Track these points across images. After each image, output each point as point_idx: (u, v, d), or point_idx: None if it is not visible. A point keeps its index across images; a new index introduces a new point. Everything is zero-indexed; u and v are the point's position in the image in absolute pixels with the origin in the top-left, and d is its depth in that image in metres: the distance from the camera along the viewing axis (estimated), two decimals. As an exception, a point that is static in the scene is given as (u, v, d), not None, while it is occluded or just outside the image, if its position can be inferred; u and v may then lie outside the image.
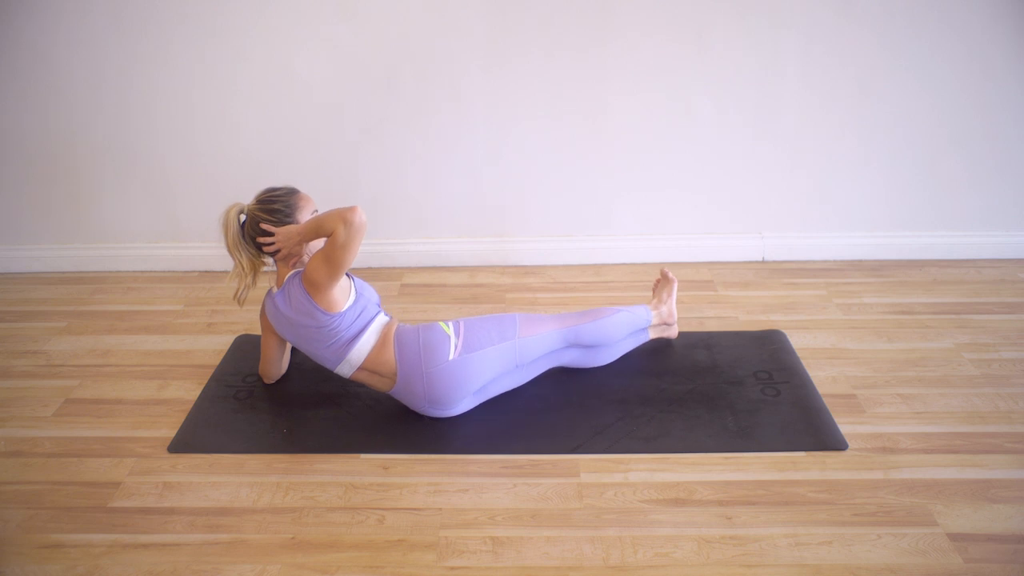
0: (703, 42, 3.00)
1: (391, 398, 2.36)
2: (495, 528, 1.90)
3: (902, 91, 3.07)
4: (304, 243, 2.23)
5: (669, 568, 1.78)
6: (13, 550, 1.86)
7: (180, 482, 2.07)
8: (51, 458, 2.17)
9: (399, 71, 3.05)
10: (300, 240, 2.22)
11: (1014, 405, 2.32)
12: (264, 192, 2.31)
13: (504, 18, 2.97)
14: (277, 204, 2.27)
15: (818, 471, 2.07)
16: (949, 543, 1.82)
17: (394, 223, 3.32)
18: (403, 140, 3.16)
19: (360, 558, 1.82)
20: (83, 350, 2.73)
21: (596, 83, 3.07)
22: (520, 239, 3.35)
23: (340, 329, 2.18)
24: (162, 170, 3.22)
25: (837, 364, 2.55)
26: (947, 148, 3.15)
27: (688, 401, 2.36)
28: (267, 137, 3.16)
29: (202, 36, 2.99)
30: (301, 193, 2.34)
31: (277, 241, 2.25)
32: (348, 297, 2.21)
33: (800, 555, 1.81)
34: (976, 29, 2.96)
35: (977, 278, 3.13)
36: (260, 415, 2.34)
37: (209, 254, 3.33)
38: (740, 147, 3.17)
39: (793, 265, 3.29)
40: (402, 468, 2.11)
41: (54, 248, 3.35)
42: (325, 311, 2.16)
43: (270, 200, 2.28)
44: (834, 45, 3.00)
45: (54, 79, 3.05)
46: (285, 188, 2.32)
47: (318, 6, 2.95)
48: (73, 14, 2.95)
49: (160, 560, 1.82)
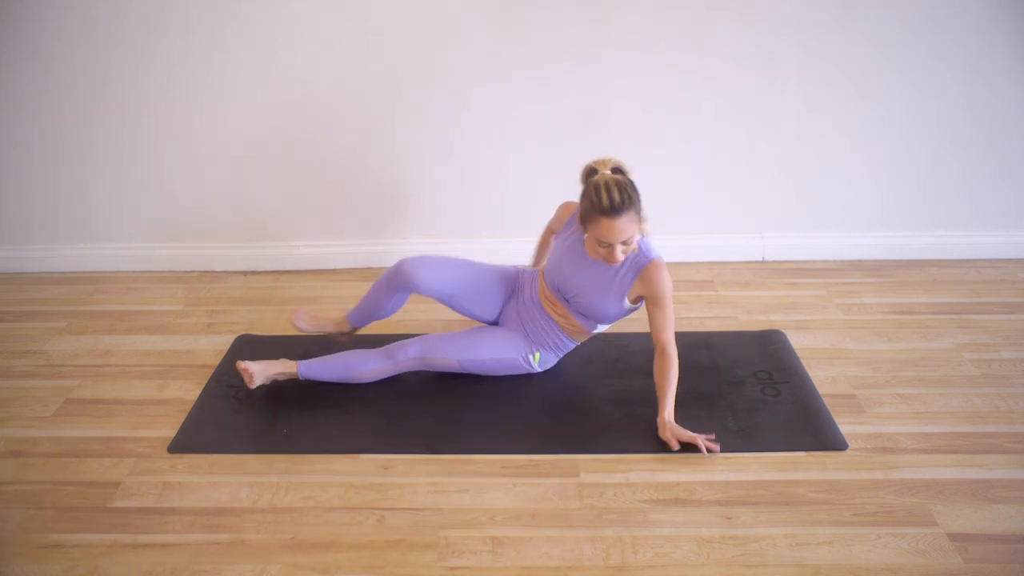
0: (703, 43, 3.00)
1: (391, 398, 2.37)
2: (495, 528, 1.90)
3: (902, 91, 3.07)
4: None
5: (669, 568, 1.78)
6: (13, 550, 1.86)
7: (180, 482, 2.07)
8: (51, 458, 2.17)
9: (399, 71, 3.05)
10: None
11: (1014, 405, 2.32)
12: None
13: (505, 20, 2.97)
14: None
15: (818, 471, 2.07)
16: (949, 543, 1.82)
17: (394, 223, 3.32)
18: (403, 140, 3.16)
19: (360, 558, 1.82)
20: (83, 350, 2.73)
21: (596, 83, 3.07)
22: (520, 239, 3.34)
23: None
24: (162, 170, 3.22)
25: (837, 364, 2.55)
26: (947, 148, 3.16)
27: (688, 401, 2.35)
28: (267, 137, 3.16)
29: (203, 36, 2.99)
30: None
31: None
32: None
33: (800, 555, 1.81)
34: (974, 30, 2.96)
35: (977, 278, 3.13)
36: (260, 415, 2.34)
37: (209, 254, 3.33)
38: (740, 147, 3.17)
39: (793, 265, 3.29)
40: (402, 468, 2.11)
41: (54, 248, 3.35)
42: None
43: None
44: (834, 46, 3.00)
45: (54, 79, 3.05)
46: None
47: (318, 6, 2.95)
48: (73, 14, 2.94)
49: (160, 560, 1.82)
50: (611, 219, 2.08)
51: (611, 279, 2.26)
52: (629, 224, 2.10)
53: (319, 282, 3.23)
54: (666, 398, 2.19)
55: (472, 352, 2.38)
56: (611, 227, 2.09)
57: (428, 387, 2.45)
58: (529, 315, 2.42)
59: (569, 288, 2.32)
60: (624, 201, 2.07)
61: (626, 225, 2.09)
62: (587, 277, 2.28)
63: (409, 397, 2.40)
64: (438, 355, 2.37)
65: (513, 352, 2.40)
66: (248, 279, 3.27)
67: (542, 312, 2.41)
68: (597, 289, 2.28)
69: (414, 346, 2.38)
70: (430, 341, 2.39)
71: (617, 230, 2.09)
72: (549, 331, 2.40)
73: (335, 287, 3.19)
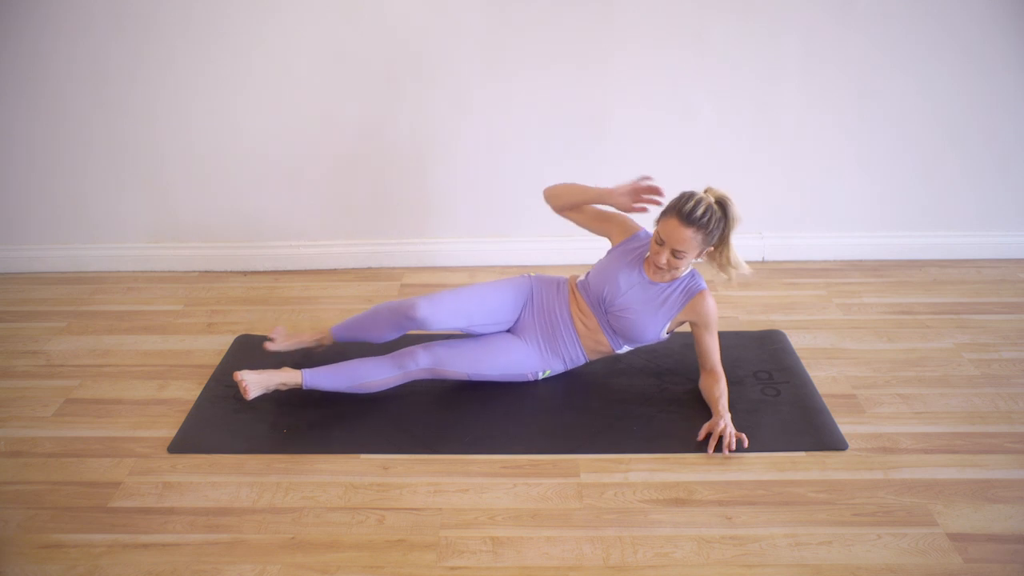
0: (703, 43, 3.01)
1: (391, 398, 2.37)
2: (495, 528, 1.90)
3: (901, 91, 3.07)
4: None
5: (669, 568, 1.78)
6: (13, 550, 1.86)
7: (180, 482, 2.07)
8: (51, 458, 2.17)
9: (400, 72, 3.05)
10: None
11: (1014, 405, 2.32)
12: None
13: (505, 21, 2.97)
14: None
15: (818, 471, 2.07)
16: (949, 543, 1.82)
17: (394, 223, 3.32)
18: (403, 140, 3.16)
19: (360, 558, 1.82)
20: (83, 350, 2.73)
21: (596, 83, 3.07)
22: (520, 239, 3.35)
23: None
24: (162, 170, 3.22)
25: (837, 364, 2.55)
26: (946, 148, 3.16)
27: (688, 401, 2.36)
28: (267, 137, 3.16)
29: (203, 36, 2.99)
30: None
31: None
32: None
33: (800, 555, 1.81)
34: (974, 30, 2.96)
35: (977, 278, 3.13)
36: (260, 415, 2.34)
37: (209, 254, 3.34)
38: (740, 147, 3.17)
39: (793, 265, 3.29)
40: (402, 468, 2.11)
41: (54, 248, 3.35)
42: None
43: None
44: (834, 46, 3.00)
45: (54, 79, 3.05)
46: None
47: (319, 6, 2.95)
48: (74, 14, 2.95)
49: (160, 560, 1.82)
50: (680, 224, 2.14)
51: (663, 300, 2.29)
52: (691, 240, 2.15)
53: (319, 282, 3.23)
54: (720, 402, 2.24)
55: (484, 367, 2.36)
56: (676, 230, 2.15)
57: (428, 387, 2.44)
58: (551, 326, 2.38)
59: (617, 302, 2.31)
60: (701, 218, 2.14)
61: (688, 237, 2.14)
62: (639, 295, 2.30)
63: (409, 397, 2.40)
64: (448, 368, 2.34)
65: (525, 369, 2.39)
66: (248, 279, 3.27)
67: (567, 324, 2.38)
68: (647, 308, 2.29)
69: (424, 357, 2.33)
70: (442, 354, 2.33)
71: (678, 236, 2.15)
72: (570, 345, 2.38)
73: (335, 287, 3.19)
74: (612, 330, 2.35)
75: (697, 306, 2.28)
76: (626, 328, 2.31)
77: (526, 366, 2.39)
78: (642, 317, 2.29)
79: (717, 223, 2.17)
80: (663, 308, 2.29)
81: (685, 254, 2.17)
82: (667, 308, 2.29)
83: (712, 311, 2.28)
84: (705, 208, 2.14)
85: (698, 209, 2.13)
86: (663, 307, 2.29)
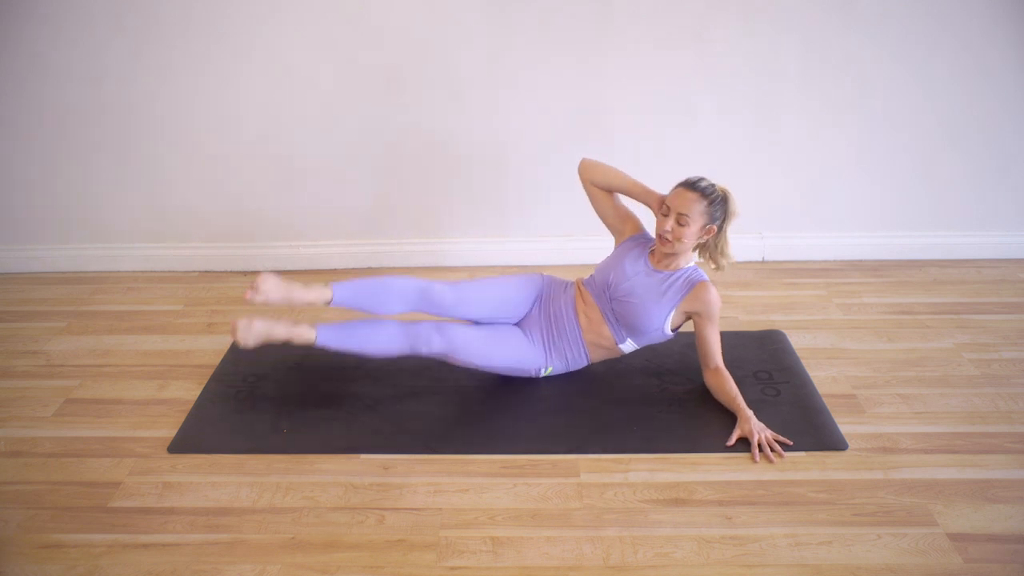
0: (703, 43, 3.01)
1: (391, 398, 2.37)
2: (495, 528, 1.90)
3: (901, 92, 3.07)
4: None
5: (669, 568, 1.78)
6: (13, 550, 1.86)
7: (180, 482, 2.07)
8: (51, 458, 2.17)
9: (400, 72, 3.05)
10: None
11: (1014, 405, 2.32)
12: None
13: (505, 20, 2.97)
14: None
15: (818, 471, 2.07)
16: (949, 543, 1.82)
17: (394, 223, 3.32)
18: (402, 140, 3.16)
19: (360, 558, 1.82)
20: (83, 350, 2.73)
21: (596, 83, 3.07)
22: (520, 239, 3.35)
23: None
24: (162, 170, 3.22)
25: (837, 364, 2.55)
26: (946, 148, 3.16)
27: (688, 401, 2.36)
28: (267, 136, 3.16)
29: (203, 36, 2.99)
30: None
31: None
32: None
33: (800, 555, 1.81)
34: (974, 31, 2.96)
35: (977, 278, 3.13)
36: (260, 415, 2.34)
37: (209, 254, 3.34)
38: (740, 147, 3.17)
39: (793, 265, 3.29)
40: (402, 468, 2.11)
41: (54, 248, 3.35)
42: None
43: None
44: (834, 47, 3.00)
45: (54, 79, 3.05)
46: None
47: (319, 6, 2.95)
48: (74, 14, 2.94)
49: (160, 560, 1.82)
50: (685, 189, 2.27)
51: (667, 288, 2.31)
52: (695, 207, 2.24)
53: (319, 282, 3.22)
54: (738, 401, 2.26)
55: (492, 360, 2.37)
56: (680, 195, 2.27)
57: (428, 387, 2.45)
58: (556, 318, 2.41)
59: (622, 287, 2.34)
60: (706, 189, 2.27)
61: (692, 204, 2.24)
62: (643, 282, 2.33)
63: (409, 397, 2.40)
64: (459, 356, 2.35)
65: (528, 364, 2.40)
66: (248, 279, 3.27)
67: (571, 317, 2.39)
68: (651, 294, 2.31)
69: (438, 342, 2.30)
70: (456, 342, 2.31)
71: (682, 199, 2.25)
72: (572, 341, 2.39)
73: (335, 287, 3.19)
74: (615, 318, 2.36)
75: (700, 294, 2.29)
76: (629, 315, 2.32)
77: (530, 361, 2.40)
78: (645, 303, 2.31)
79: (720, 202, 2.28)
80: (666, 296, 2.30)
81: (689, 222, 2.23)
82: (670, 296, 2.31)
83: (715, 301, 2.30)
84: (711, 183, 2.29)
85: (703, 181, 2.28)
86: (666, 294, 2.31)
